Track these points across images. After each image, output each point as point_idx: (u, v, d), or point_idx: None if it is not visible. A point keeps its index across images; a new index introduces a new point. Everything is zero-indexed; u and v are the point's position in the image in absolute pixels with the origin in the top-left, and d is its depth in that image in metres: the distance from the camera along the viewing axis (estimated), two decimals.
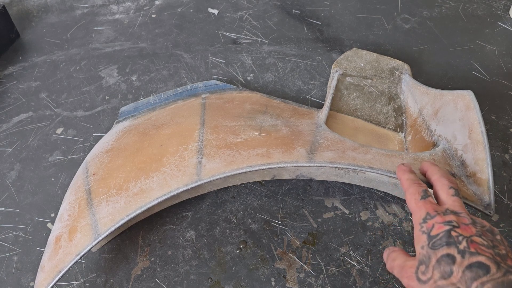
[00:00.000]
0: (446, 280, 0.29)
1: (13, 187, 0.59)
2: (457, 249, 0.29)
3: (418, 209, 0.34)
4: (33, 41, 0.83)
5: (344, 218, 0.55)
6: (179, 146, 0.52)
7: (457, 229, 0.31)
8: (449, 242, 0.30)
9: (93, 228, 0.45)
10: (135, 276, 0.50)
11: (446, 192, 0.36)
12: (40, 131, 0.66)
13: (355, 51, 0.70)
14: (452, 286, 0.29)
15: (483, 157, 0.44)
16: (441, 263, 0.30)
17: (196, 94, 0.65)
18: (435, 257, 0.30)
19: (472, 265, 0.28)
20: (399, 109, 0.64)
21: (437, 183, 0.37)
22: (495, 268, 0.28)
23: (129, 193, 0.47)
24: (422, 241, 0.32)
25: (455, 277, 0.29)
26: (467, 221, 0.32)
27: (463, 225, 0.31)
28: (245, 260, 0.51)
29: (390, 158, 0.47)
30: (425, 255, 0.31)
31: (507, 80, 0.72)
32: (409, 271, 0.32)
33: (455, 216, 0.32)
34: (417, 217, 0.34)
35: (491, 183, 0.43)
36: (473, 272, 0.28)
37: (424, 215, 0.33)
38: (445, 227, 0.31)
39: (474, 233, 0.30)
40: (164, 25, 0.86)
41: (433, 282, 0.30)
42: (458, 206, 0.34)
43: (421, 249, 0.32)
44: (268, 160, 0.47)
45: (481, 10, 0.87)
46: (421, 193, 0.35)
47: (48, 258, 0.46)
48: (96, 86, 0.73)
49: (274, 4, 0.90)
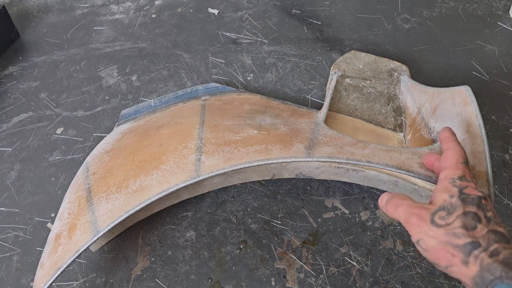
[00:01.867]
0: (468, 231, 0.30)
1: (13, 187, 0.59)
2: (484, 214, 0.31)
3: (457, 168, 0.35)
4: (33, 41, 0.83)
5: (344, 218, 0.55)
6: (179, 144, 0.52)
7: (485, 201, 0.32)
8: (480, 205, 0.31)
9: (93, 225, 0.45)
10: (135, 276, 0.50)
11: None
12: (40, 131, 0.66)
13: (353, 53, 0.70)
14: (471, 238, 0.30)
15: (481, 150, 0.44)
16: (467, 216, 0.31)
17: (196, 97, 0.66)
18: (463, 209, 0.31)
19: (497, 232, 0.30)
20: (398, 109, 0.64)
21: None
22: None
23: (129, 190, 0.48)
24: (453, 191, 0.33)
25: (479, 232, 0.30)
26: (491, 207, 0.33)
27: (489, 204, 0.33)
28: (245, 260, 0.51)
29: (389, 153, 0.47)
30: (452, 204, 0.32)
31: (507, 80, 0.72)
32: (423, 211, 0.33)
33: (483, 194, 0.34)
34: (452, 173, 0.35)
35: (490, 175, 0.43)
36: (497, 236, 0.30)
37: (461, 175, 0.34)
38: (478, 193, 0.32)
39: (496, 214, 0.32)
40: (164, 25, 0.86)
41: (451, 228, 0.31)
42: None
43: (449, 198, 0.32)
44: (267, 156, 0.47)
45: (481, 10, 0.87)
46: (464, 158, 0.36)
47: (48, 255, 0.46)
48: (96, 86, 0.73)
49: (274, 4, 0.90)
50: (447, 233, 0.31)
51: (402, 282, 0.49)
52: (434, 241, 0.31)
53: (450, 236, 0.30)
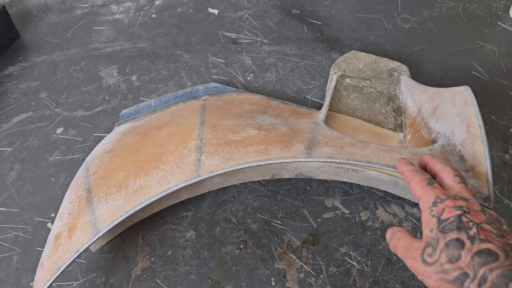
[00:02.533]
0: (453, 264, 0.29)
1: (13, 187, 0.59)
2: (467, 235, 0.29)
3: (427, 193, 0.34)
4: (33, 41, 0.83)
5: (344, 218, 0.55)
6: (179, 144, 0.52)
7: (467, 215, 0.30)
8: (460, 227, 0.30)
9: (93, 225, 0.45)
10: (135, 276, 0.50)
11: (452, 179, 0.35)
12: (40, 131, 0.66)
13: (353, 53, 0.70)
14: (459, 271, 0.28)
15: (481, 150, 0.44)
16: (449, 247, 0.29)
17: (196, 97, 0.66)
18: (444, 241, 0.30)
19: (482, 252, 0.28)
20: (398, 109, 0.64)
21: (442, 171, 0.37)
22: (503, 256, 0.28)
23: (129, 190, 0.48)
24: (432, 224, 0.32)
25: (463, 261, 0.28)
26: (477, 208, 0.31)
27: (473, 211, 0.31)
28: (245, 260, 0.51)
29: (389, 153, 0.47)
30: (434, 238, 0.31)
31: (507, 80, 0.72)
32: (414, 252, 0.32)
33: (465, 202, 0.32)
34: (426, 201, 0.33)
35: (489, 176, 0.43)
36: (482, 258, 0.28)
37: (434, 199, 0.33)
38: (456, 212, 0.31)
39: (484, 220, 0.30)
40: (164, 25, 0.86)
41: (439, 265, 0.30)
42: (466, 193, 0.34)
43: (430, 232, 0.31)
44: (267, 156, 0.47)
45: (481, 10, 0.87)
46: (427, 180, 0.35)
47: (48, 255, 0.46)
48: (96, 86, 0.73)
49: (274, 4, 0.90)
50: (438, 271, 0.30)
51: (402, 282, 0.49)
52: (431, 280, 0.30)
53: (441, 274, 0.30)
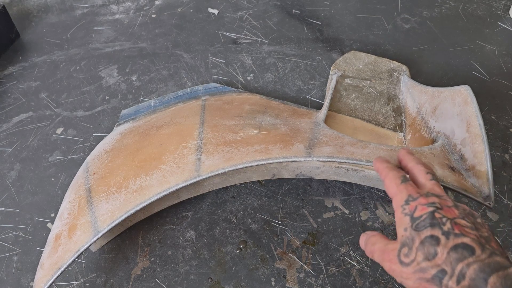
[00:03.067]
0: (430, 262, 0.28)
1: (13, 187, 0.59)
2: (441, 231, 0.29)
3: (400, 192, 0.33)
4: (33, 41, 0.83)
5: (344, 218, 0.55)
6: (179, 144, 0.52)
7: (440, 210, 0.30)
8: (433, 223, 0.30)
9: (93, 225, 0.45)
10: (135, 276, 0.50)
11: (424, 177, 0.35)
12: (40, 131, 0.66)
13: (353, 53, 0.70)
14: (436, 268, 0.28)
15: (481, 149, 0.45)
16: (425, 245, 0.29)
17: (196, 97, 0.66)
18: (419, 239, 0.30)
19: (457, 246, 0.28)
20: (398, 109, 0.64)
21: (414, 169, 0.37)
22: (480, 249, 0.27)
23: (129, 190, 0.48)
24: (405, 223, 0.31)
25: (440, 258, 0.28)
26: (450, 204, 0.31)
27: (446, 207, 0.31)
28: (245, 260, 0.51)
29: (389, 152, 0.47)
30: (408, 237, 0.30)
31: (507, 80, 0.72)
32: (390, 254, 0.32)
33: (438, 198, 0.32)
34: (398, 199, 0.33)
35: (490, 175, 0.43)
36: (458, 253, 0.28)
37: (406, 197, 0.33)
38: (429, 209, 0.31)
39: (457, 215, 0.30)
40: (164, 25, 0.86)
41: (416, 264, 0.29)
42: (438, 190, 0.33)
43: (404, 231, 0.31)
44: (267, 155, 0.47)
45: (481, 10, 0.87)
46: (401, 177, 0.35)
47: (48, 255, 0.46)
48: (96, 86, 0.73)
49: (274, 4, 0.90)
50: (415, 271, 0.29)
51: None
52: (410, 281, 0.30)
53: (419, 273, 0.29)
